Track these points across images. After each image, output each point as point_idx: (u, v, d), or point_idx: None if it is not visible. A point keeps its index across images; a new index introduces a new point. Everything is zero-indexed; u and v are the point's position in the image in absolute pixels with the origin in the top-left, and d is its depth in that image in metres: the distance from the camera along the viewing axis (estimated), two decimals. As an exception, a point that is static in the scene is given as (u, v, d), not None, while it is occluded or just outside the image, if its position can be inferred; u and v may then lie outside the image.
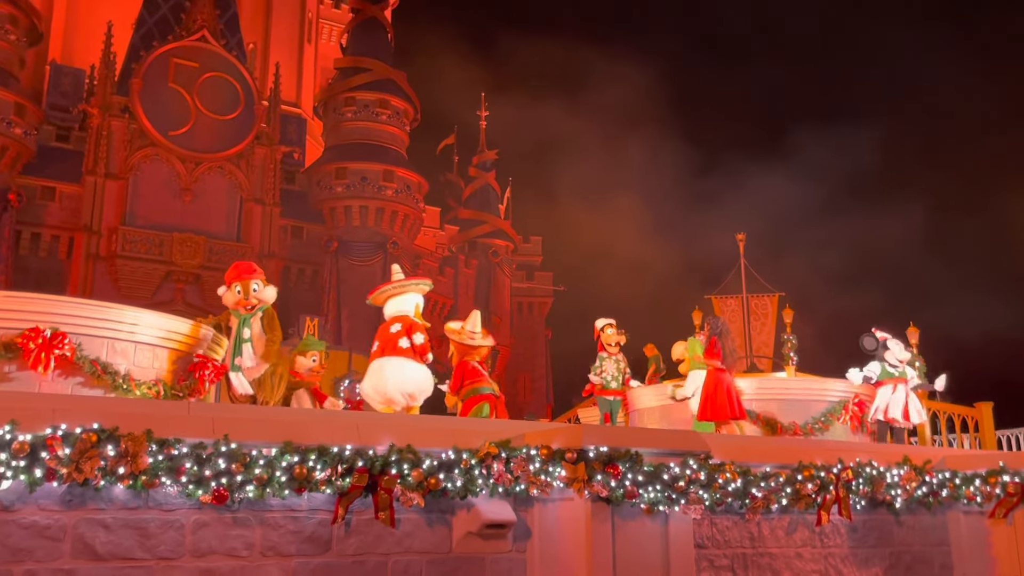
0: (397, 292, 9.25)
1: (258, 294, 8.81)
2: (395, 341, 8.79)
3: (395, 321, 8.96)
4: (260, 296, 8.82)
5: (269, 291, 8.96)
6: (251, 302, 8.77)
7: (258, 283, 8.85)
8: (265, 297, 8.87)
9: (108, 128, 32.49)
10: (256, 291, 8.81)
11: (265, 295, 8.88)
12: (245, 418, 5.99)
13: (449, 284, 42.89)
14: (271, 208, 34.93)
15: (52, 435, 5.06)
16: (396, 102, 38.83)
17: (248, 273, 8.95)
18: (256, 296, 8.80)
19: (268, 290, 8.95)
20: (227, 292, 8.93)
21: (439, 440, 6.37)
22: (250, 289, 8.81)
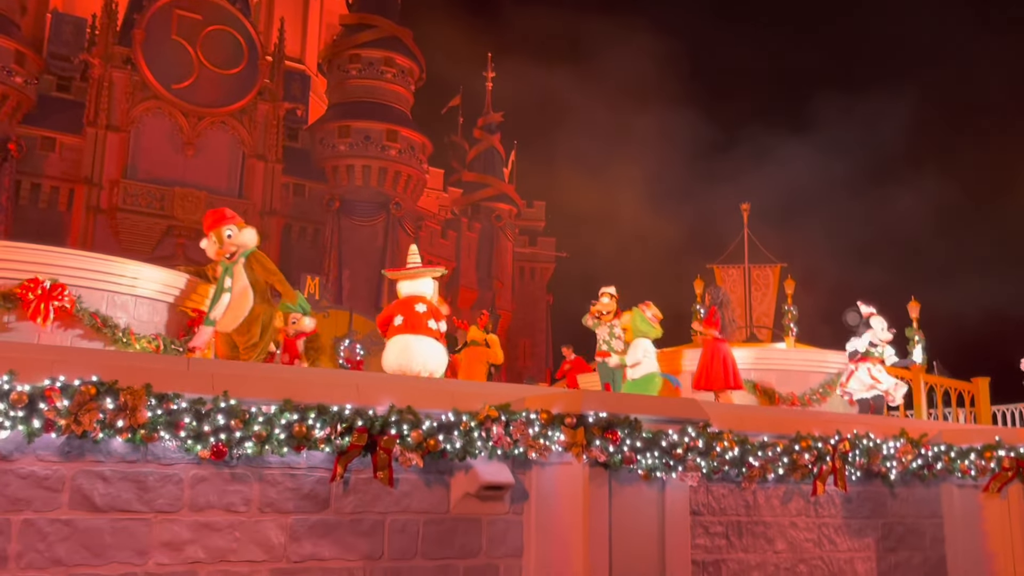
0: (413, 276, 8.88)
1: (234, 239, 8.31)
2: (424, 321, 8.48)
3: (419, 301, 8.59)
4: (236, 241, 8.33)
5: (246, 234, 8.43)
6: (228, 249, 8.31)
7: (231, 228, 8.34)
8: (242, 241, 8.37)
9: (110, 79, 32.20)
10: (231, 237, 8.31)
11: (242, 239, 8.37)
12: (245, 375, 5.97)
13: (451, 247, 42.83)
14: (273, 165, 34.76)
15: (51, 386, 5.04)
16: (401, 60, 38.46)
17: (220, 220, 8.46)
18: (232, 242, 8.31)
19: (245, 233, 8.42)
20: (207, 244, 8.52)
21: (439, 402, 6.37)
22: (223, 236, 8.31)
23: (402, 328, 8.38)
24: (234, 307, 8.19)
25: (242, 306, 8.20)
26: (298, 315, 10.10)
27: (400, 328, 8.39)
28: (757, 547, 7.90)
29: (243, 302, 8.21)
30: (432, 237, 41.43)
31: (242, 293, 8.25)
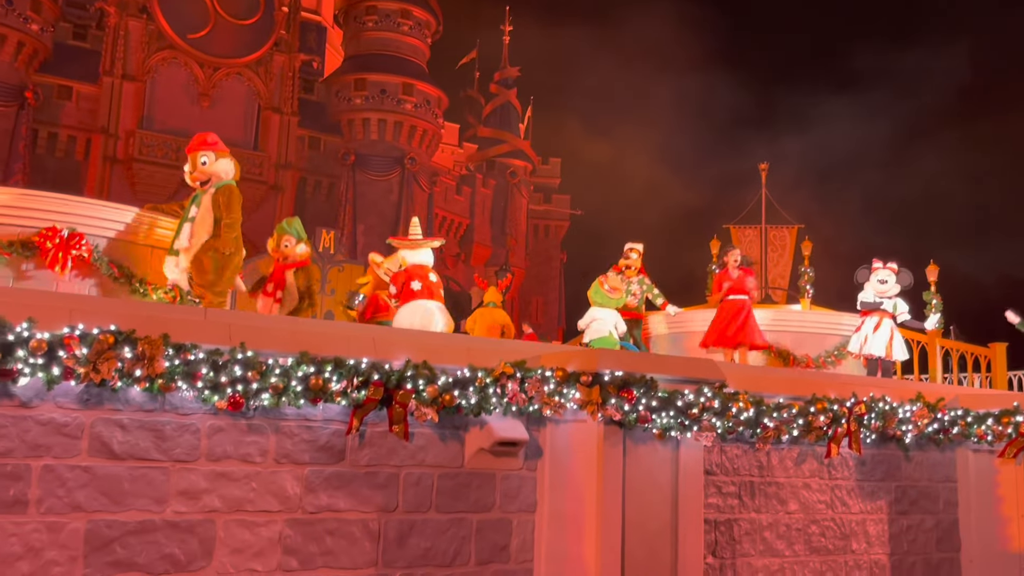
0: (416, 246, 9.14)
1: (208, 167, 7.78)
2: (438, 290, 8.86)
3: (430, 270, 8.95)
4: (210, 170, 7.78)
5: (223, 163, 7.86)
6: (198, 177, 7.77)
7: (208, 155, 7.80)
8: (216, 170, 7.80)
9: (125, 28, 31.99)
10: (205, 164, 7.78)
11: (217, 168, 7.81)
12: (262, 327, 5.98)
13: (465, 203, 42.70)
14: (289, 117, 34.60)
15: (70, 334, 5.05)
16: (418, 13, 38.01)
17: (198, 145, 7.93)
18: (205, 170, 7.77)
19: (221, 162, 7.85)
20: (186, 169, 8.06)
21: (455, 358, 6.36)
22: (198, 162, 7.80)
23: (421, 294, 8.65)
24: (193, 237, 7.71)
25: (199, 237, 7.68)
26: (291, 238, 9.27)
27: (420, 293, 8.65)
28: (769, 507, 7.92)
29: (200, 233, 7.68)
30: (447, 193, 41.30)
31: (200, 223, 7.71)
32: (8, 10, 29.97)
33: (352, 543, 6.04)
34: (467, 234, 43.08)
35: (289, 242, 9.20)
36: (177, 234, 7.78)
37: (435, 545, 6.32)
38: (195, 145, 7.94)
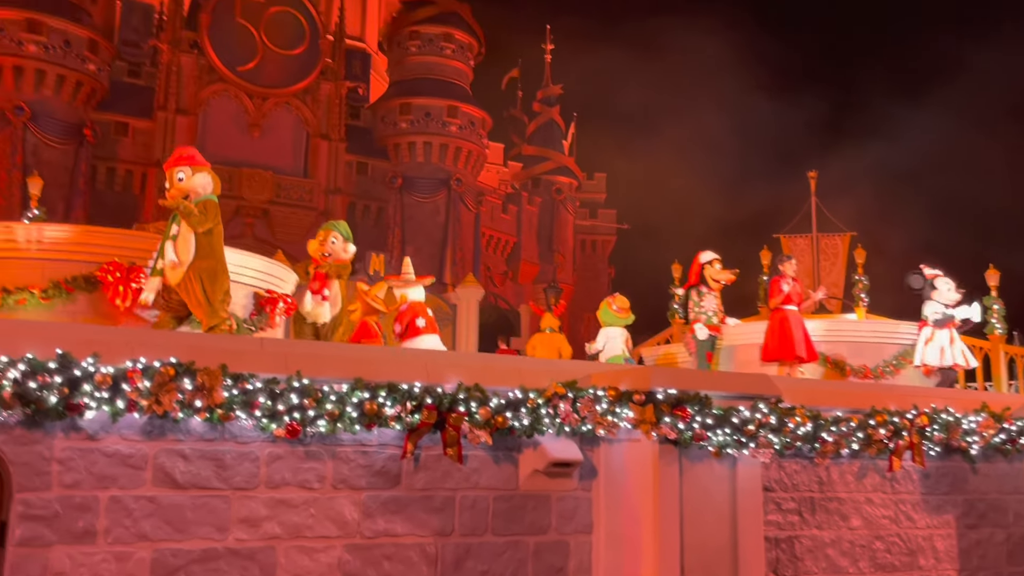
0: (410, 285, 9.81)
1: (185, 183, 7.48)
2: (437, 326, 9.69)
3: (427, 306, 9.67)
4: (187, 185, 7.48)
5: (200, 178, 7.55)
6: (177, 193, 7.48)
7: (184, 170, 7.51)
8: (194, 185, 7.51)
9: (178, 64, 32.85)
10: (182, 180, 7.49)
11: (194, 182, 7.51)
12: (317, 354, 6.07)
13: (512, 222, 42.82)
14: (337, 144, 35.12)
15: (132, 368, 5.20)
16: (460, 36, 38.38)
17: (175, 161, 7.67)
18: (183, 186, 7.47)
19: (198, 177, 7.54)
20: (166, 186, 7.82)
21: (506, 379, 6.39)
22: (175, 178, 7.51)
23: (427, 329, 9.34)
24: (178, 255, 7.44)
25: (183, 254, 7.42)
26: (338, 235, 9.09)
27: (426, 329, 9.34)
28: (831, 523, 7.77)
29: (182, 254, 7.41)
30: (493, 212, 41.48)
31: (183, 240, 7.41)
32: (67, 52, 31.02)
33: (410, 567, 6.07)
34: (514, 252, 43.17)
35: (337, 239, 9.09)
36: (159, 254, 7.57)
37: (492, 568, 6.32)
38: (172, 161, 7.74)
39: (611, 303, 11.93)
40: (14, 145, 29.68)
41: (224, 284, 7.55)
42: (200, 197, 7.52)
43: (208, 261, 7.44)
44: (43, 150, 30.36)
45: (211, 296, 7.37)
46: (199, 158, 7.75)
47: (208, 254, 7.46)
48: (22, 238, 8.42)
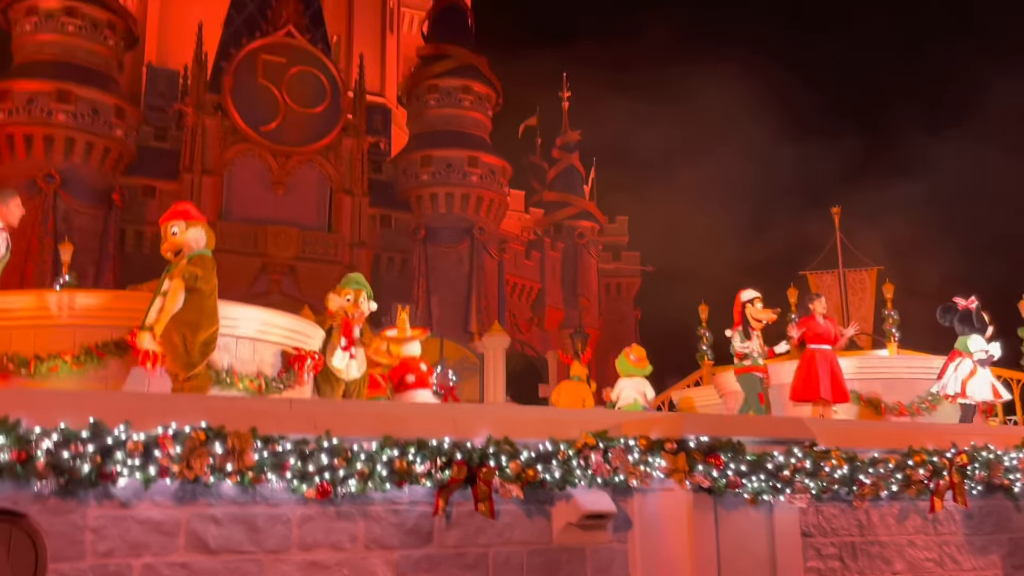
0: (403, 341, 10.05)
1: (178, 237, 7.55)
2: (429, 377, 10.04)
3: (421, 360, 9.99)
4: (180, 239, 7.54)
5: (193, 232, 7.60)
6: (169, 248, 7.56)
7: (178, 224, 7.56)
8: (186, 239, 7.56)
9: (202, 126, 33.54)
10: (175, 234, 7.55)
11: (187, 237, 7.57)
12: (345, 413, 6.08)
13: (536, 268, 42.92)
14: (360, 198, 35.53)
15: (163, 434, 5.23)
16: (478, 87, 38.92)
17: (170, 215, 7.73)
18: (176, 240, 7.54)
19: (192, 231, 7.60)
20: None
21: (535, 431, 6.35)
22: (168, 232, 7.58)
23: (417, 384, 9.72)
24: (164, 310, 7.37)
25: (168, 310, 7.35)
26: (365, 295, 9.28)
27: (416, 384, 9.71)
28: (874, 568, 7.58)
29: (170, 306, 7.34)
30: (516, 259, 41.62)
31: (172, 296, 7.36)
32: (95, 119, 31.81)
33: (445, 626, 5.99)
34: (539, 298, 43.19)
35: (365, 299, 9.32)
36: (151, 307, 7.53)
37: (529, 625, 6.22)
38: (167, 216, 7.79)
39: (629, 353, 12.21)
40: (45, 212, 30.32)
41: (205, 336, 7.50)
42: (193, 252, 7.58)
43: (193, 315, 7.43)
44: (73, 216, 30.99)
45: (189, 346, 7.34)
46: (194, 213, 7.84)
47: (195, 308, 7.45)
48: (54, 306, 8.54)
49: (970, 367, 11.12)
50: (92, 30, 32.74)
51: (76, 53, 32.31)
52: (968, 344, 11.19)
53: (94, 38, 32.78)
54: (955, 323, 11.36)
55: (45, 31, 32.27)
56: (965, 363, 11.18)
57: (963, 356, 11.21)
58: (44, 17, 32.31)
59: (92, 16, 32.74)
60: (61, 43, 32.21)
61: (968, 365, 11.15)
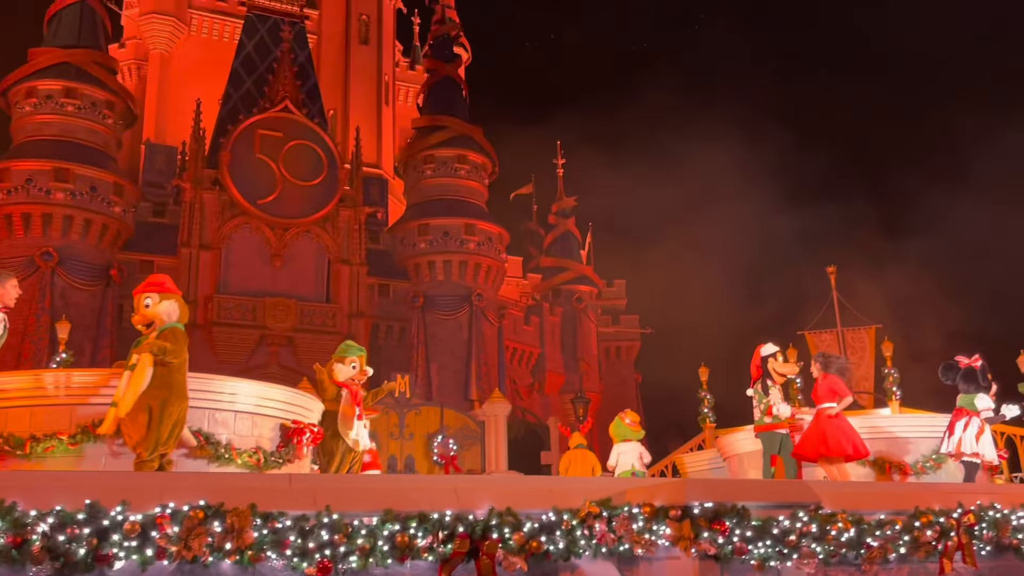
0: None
1: (151, 309, 7.52)
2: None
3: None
4: (152, 312, 7.52)
5: (165, 305, 7.58)
6: (141, 321, 7.54)
7: (151, 297, 7.55)
8: (159, 312, 7.53)
9: (200, 201, 33.85)
10: (148, 306, 7.54)
11: (159, 309, 7.54)
12: (345, 488, 6.02)
13: (535, 333, 42.90)
14: (358, 268, 35.69)
15: (161, 514, 5.16)
16: (474, 157, 39.44)
17: (144, 287, 7.70)
18: (147, 312, 7.52)
19: (164, 304, 7.58)
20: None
21: (538, 501, 6.28)
22: (141, 304, 7.57)
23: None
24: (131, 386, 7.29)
25: (136, 386, 7.27)
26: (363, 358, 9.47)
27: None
28: (886, 634, 7.41)
29: (137, 382, 7.26)
30: (515, 324, 41.64)
31: (139, 371, 7.27)
32: (93, 196, 32.12)
33: None
34: (539, 363, 43.07)
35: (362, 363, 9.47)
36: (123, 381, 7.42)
37: None
38: (141, 287, 7.76)
39: (623, 417, 12.50)
40: (42, 290, 30.39)
41: (176, 415, 7.45)
42: (165, 325, 7.51)
43: (161, 391, 7.34)
44: (71, 293, 31.05)
45: (158, 426, 7.27)
46: (168, 285, 7.77)
47: (163, 384, 7.36)
48: (50, 385, 8.51)
49: (978, 426, 11.03)
50: (91, 110, 33.28)
51: (75, 132, 32.80)
52: (975, 403, 11.10)
53: (93, 117, 33.31)
54: (959, 381, 11.29)
55: (44, 111, 32.82)
56: (974, 422, 11.08)
57: (970, 415, 11.10)
58: (43, 98, 32.88)
59: (91, 96, 33.32)
60: (60, 123, 32.72)
61: (977, 424, 11.06)
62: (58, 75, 32.95)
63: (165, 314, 7.56)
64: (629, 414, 12.50)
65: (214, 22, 46.57)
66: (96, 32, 34.84)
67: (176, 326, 7.58)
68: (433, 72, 41.32)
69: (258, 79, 37.18)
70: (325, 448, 9.28)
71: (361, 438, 9.17)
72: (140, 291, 7.67)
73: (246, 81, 37.48)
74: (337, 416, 9.22)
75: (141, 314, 7.56)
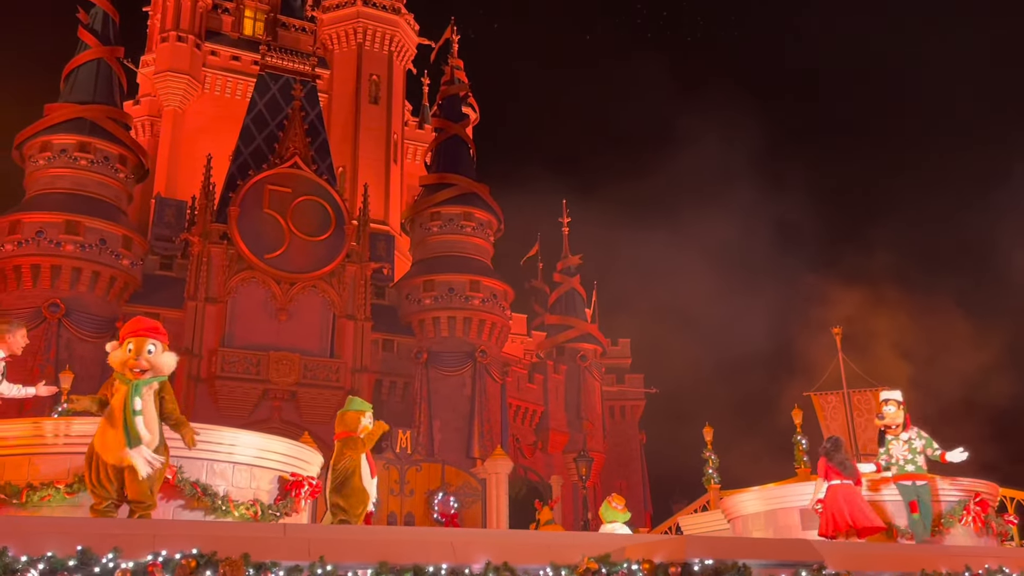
0: None
1: (153, 357, 7.23)
2: None
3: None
4: (154, 361, 7.23)
5: (167, 357, 7.35)
6: (141, 364, 7.17)
7: (156, 344, 7.27)
8: (160, 362, 7.28)
9: (208, 255, 34.08)
10: (152, 353, 7.23)
11: (162, 361, 7.29)
12: (340, 539, 5.95)
13: (539, 391, 42.71)
14: (362, 323, 35.72)
15: (153, 561, 5.10)
16: (480, 214, 39.76)
17: (146, 331, 7.35)
18: (148, 360, 7.20)
19: (166, 356, 7.34)
20: (116, 350, 7.35)
21: (535, 556, 6.19)
22: (144, 349, 7.21)
23: None
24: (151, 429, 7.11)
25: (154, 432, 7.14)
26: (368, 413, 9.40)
27: None
28: None
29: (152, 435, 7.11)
30: (519, 382, 41.48)
31: (152, 422, 7.12)
32: (102, 249, 32.38)
33: None
34: (542, 421, 42.80)
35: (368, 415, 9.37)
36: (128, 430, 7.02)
37: None
38: (142, 330, 7.36)
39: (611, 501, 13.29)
40: (48, 341, 30.44)
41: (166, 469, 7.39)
42: (161, 377, 7.29)
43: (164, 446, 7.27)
44: (76, 344, 31.08)
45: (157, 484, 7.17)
46: (165, 335, 7.53)
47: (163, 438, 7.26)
48: (49, 433, 8.48)
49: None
50: (103, 164, 33.75)
51: (87, 186, 33.21)
52: None
53: (105, 172, 33.75)
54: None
55: (57, 165, 33.27)
56: None
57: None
58: (57, 152, 33.37)
59: (104, 151, 33.82)
60: (72, 176, 33.15)
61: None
62: (73, 130, 33.49)
63: (166, 366, 7.35)
64: (616, 498, 13.36)
65: (227, 80, 47.46)
66: (111, 88, 35.50)
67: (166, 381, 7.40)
68: (441, 131, 41.91)
69: (268, 136, 37.73)
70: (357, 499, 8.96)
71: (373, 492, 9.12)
72: (142, 334, 7.32)
73: (257, 137, 38.04)
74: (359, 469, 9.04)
75: (144, 359, 7.19)
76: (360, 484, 8.88)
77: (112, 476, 7.01)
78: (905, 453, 10.55)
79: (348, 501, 8.82)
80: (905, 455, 10.54)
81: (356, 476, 8.92)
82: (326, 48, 49.53)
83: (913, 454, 10.60)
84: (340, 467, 9.00)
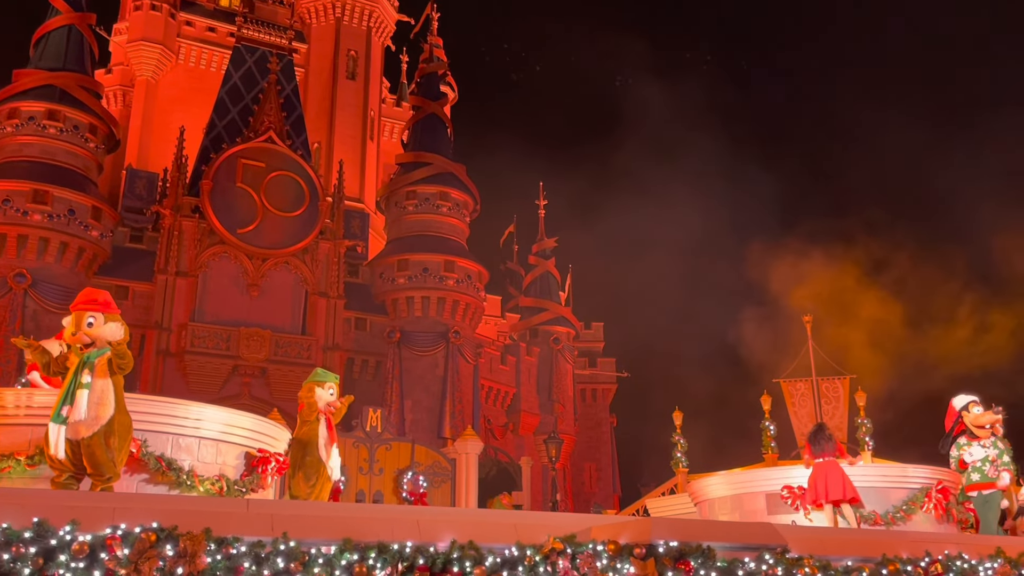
0: None
1: (93, 330, 6.97)
2: None
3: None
4: (95, 332, 6.98)
5: (111, 327, 7.08)
6: (82, 339, 6.95)
7: (96, 316, 7.01)
8: (102, 333, 7.01)
9: (179, 228, 33.66)
10: (91, 325, 6.97)
11: (104, 331, 7.02)
12: (304, 515, 5.89)
13: (511, 373, 42.73)
14: (335, 301, 35.51)
15: (112, 535, 5.03)
16: (456, 194, 39.56)
17: (86, 304, 7.11)
18: (90, 332, 6.97)
19: (110, 326, 7.07)
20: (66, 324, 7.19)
21: (502, 535, 6.18)
22: (83, 322, 6.97)
23: None
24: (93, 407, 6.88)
25: (102, 410, 6.91)
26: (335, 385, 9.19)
27: None
28: None
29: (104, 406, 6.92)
30: (492, 363, 41.49)
31: (103, 394, 6.94)
32: (71, 220, 31.84)
33: None
34: (514, 403, 42.88)
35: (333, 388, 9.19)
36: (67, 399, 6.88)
37: None
38: (83, 303, 7.15)
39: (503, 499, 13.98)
40: (13, 312, 29.98)
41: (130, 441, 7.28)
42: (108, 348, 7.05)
43: (125, 416, 7.11)
44: (42, 316, 30.60)
45: (119, 455, 7.02)
46: (113, 306, 7.33)
47: (123, 408, 7.11)
48: (11, 404, 8.34)
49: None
50: (73, 133, 33.13)
51: (55, 155, 32.61)
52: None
53: (75, 141, 33.14)
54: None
55: (25, 133, 32.62)
56: None
57: None
58: (25, 119, 32.72)
59: (74, 119, 33.20)
60: (41, 145, 32.52)
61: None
62: (41, 97, 32.83)
63: (110, 335, 7.09)
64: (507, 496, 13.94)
65: (202, 51, 46.77)
66: (82, 56, 34.80)
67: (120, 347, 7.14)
68: (419, 109, 41.58)
69: (243, 109, 37.24)
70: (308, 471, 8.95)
71: (335, 467, 9.03)
72: (82, 307, 7.10)
73: (231, 111, 37.53)
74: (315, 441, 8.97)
75: (84, 332, 6.96)
76: (317, 455, 8.84)
77: (68, 449, 6.90)
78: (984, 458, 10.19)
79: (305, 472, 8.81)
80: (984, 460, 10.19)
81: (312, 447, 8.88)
82: (304, 22, 48.88)
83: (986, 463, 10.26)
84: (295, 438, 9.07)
